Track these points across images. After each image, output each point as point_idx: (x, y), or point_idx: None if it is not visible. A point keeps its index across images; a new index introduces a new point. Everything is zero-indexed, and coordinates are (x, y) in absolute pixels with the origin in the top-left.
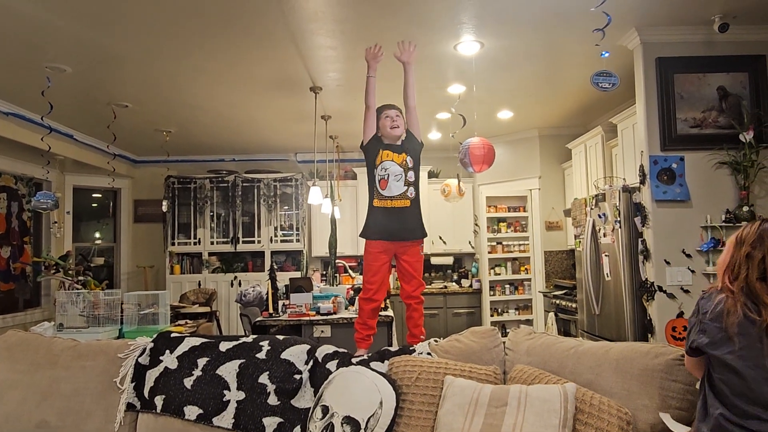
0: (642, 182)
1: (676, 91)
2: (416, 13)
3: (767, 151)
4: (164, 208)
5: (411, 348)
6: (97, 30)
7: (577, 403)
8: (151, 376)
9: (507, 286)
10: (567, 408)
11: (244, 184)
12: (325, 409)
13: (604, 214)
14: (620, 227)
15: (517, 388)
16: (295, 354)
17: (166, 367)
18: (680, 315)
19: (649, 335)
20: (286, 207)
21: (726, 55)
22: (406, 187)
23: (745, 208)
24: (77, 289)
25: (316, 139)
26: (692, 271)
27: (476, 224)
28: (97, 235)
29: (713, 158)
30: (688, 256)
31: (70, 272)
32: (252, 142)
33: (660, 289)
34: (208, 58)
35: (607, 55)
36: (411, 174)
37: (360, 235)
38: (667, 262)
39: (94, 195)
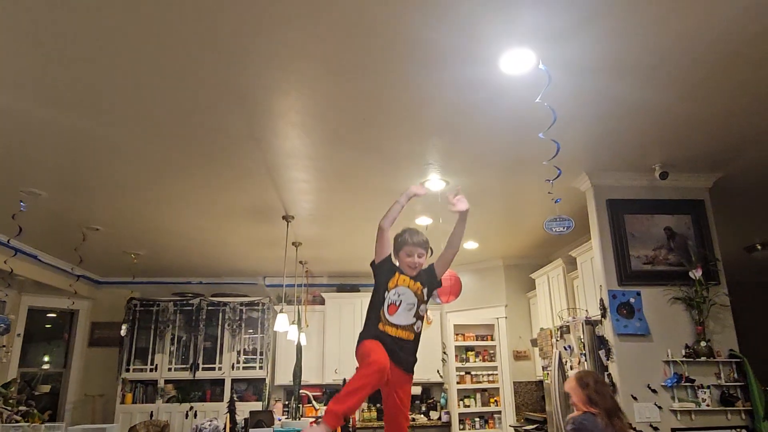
0: (603, 315)
1: (628, 230)
2: (386, 153)
3: (716, 287)
4: (123, 332)
5: None
6: (78, 158)
7: None
8: None
9: (477, 419)
10: None
11: (209, 308)
12: None
13: (569, 347)
14: (586, 360)
15: None
16: None
17: None
18: None
19: None
20: (251, 330)
21: (670, 199)
22: (415, 320)
23: (703, 343)
24: (16, 421)
25: (286, 264)
26: (659, 407)
27: (444, 352)
28: (46, 358)
29: (668, 293)
30: (654, 391)
31: (11, 401)
32: (221, 265)
33: (629, 425)
34: (188, 188)
35: (559, 201)
36: (423, 308)
37: (359, 337)
38: (634, 398)
39: (49, 315)
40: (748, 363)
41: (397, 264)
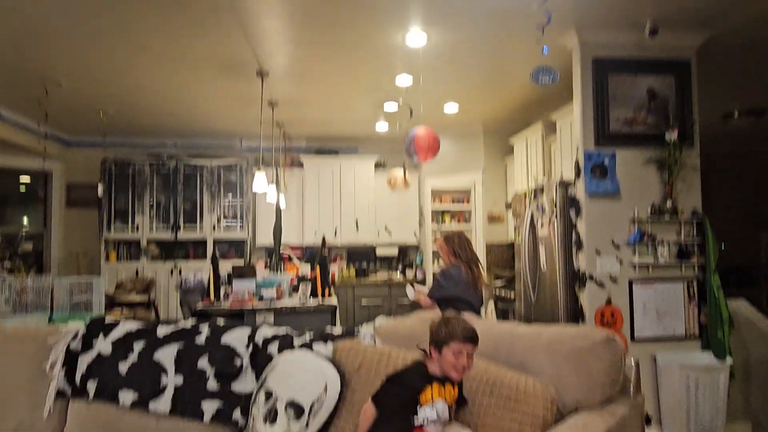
0: (577, 176)
1: (610, 91)
2: (364, 4)
3: (689, 150)
4: (100, 193)
5: (355, 330)
6: (35, 5)
7: (504, 390)
8: (83, 361)
9: None
10: None
11: (187, 170)
12: (269, 394)
13: (542, 207)
14: (556, 219)
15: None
16: (236, 338)
17: (99, 353)
18: (608, 302)
19: (580, 321)
20: (231, 195)
21: (656, 59)
22: None
23: (669, 203)
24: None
25: (263, 125)
26: (620, 261)
27: (421, 215)
28: (26, 221)
29: (642, 155)
30: (617, 247)
31: None
32: (195, 126)
33: (591, 278)
34: (147, 35)
35: (547, 50)
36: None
37: None
38: (598, 253)
39: (22, 179)
40: (708, 221)
41: (433, 367)
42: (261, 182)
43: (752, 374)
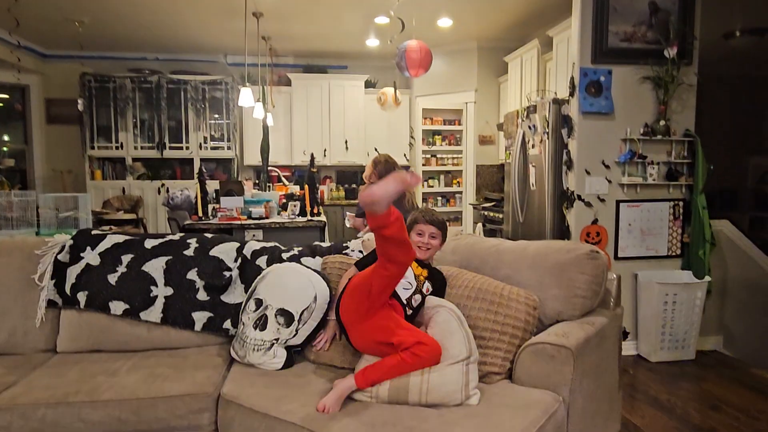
0: (571, 94)
1: (611, 3)
2: None
3: (687, 68)
4: (80, 107)
5: (344, 245)
6: None
7: (489, 295)
8: (72, 272)
9: (439, 198)
10: (459, 317)
11: (170, 86)
12: (259, 302)
13: (533, 126)
14: (548, 138)
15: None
16: (224, 251)
17: (87, 264)
18: (595, 221)
19: (566, 240)
20: (216, 115)
21: None
22: (409, 295)
23: (662, 122)
24: None
25: (248, 39)
26: (609, 181)
27: (412, 136)
28: (6, 138)
29: (639, 73)
30: (607, 167)
31: None
32: (177, 39)
33: (579, 197)
34: None
35: None
36: (418, 298)
37: None
38: (587, 172)
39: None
40: (700, 142)
41: None
42: (247, 97)
43: (728, 292)
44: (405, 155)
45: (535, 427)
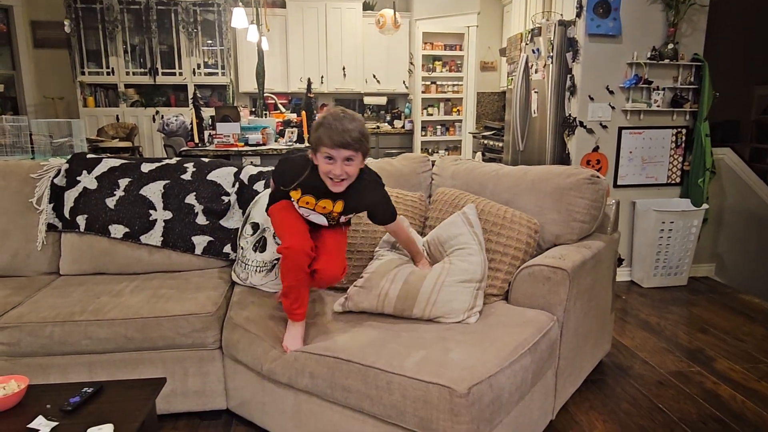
0: (578, 15)
1: None
2: None
3: None
4: (67, 29)
5: None
6: None
7: (492, 217)
8: (70, 196)
9: (438, 126)
10: (475, 232)
11: (159, 7)
12: (255, 226)
13: (537, 50)
14: (552, 62)
15: (439, 267)
16: (222, 176)
17: (85, 188)
18: (596, 149)
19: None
20: (210, 41)
21: None
22: (332, 224)
23: (670, 46)
24: None
25: None
26: (612, 108)
27: (411, 63)
28: None
29: None
30: (611, 92)
31: None
32: None
33: (581, 124)
34: None
35: None
36: (342, 219)
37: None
38: (591, 98)
39: None
40: (708, 68)
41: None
42: (240, 17)
43: (724, 220)
44: (404, 82)
45: (529, 344)
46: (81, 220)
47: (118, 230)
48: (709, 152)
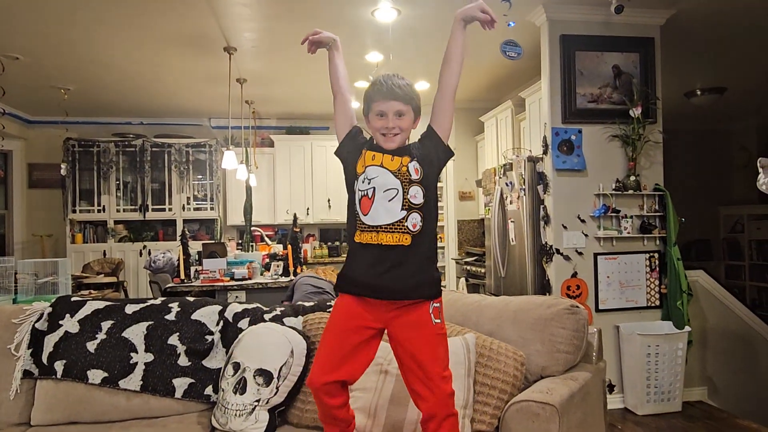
0: (545, 152)
1: (577, 68)
2: None
3: (652, 126)
4: (63, 172)
5: (328, 304)
6: None
7: (479, 348)
8: (50, 341)
9: None
10: (470, 358)
11: (154, 149)
12: (237, 366)
13: (511, 183)
14: (525, 194)
15: None
16: (206, 315)
17: (66, 332)
18: (574, 275)
19: (547, 294)
20: (200, 176)
21: (621, 36)
22: (405, 213)
23: (632, 178)
24: None
25: (231, 103)
26: (585, 235)
27: None
28: None
29: (607, 131)
30: (583, 221)
31: None
32: (162, 104)
33: (557, 251)
34: (120, 13)
35: (513, 24)
36: (417, 191)
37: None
38: (564, 227)
39: None
40: (670, 196)
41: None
42: (230, 160)
43: (709, 341)
44: None
45: None
46: (59, 365)
47: (96, 375)
48: (683, 275)
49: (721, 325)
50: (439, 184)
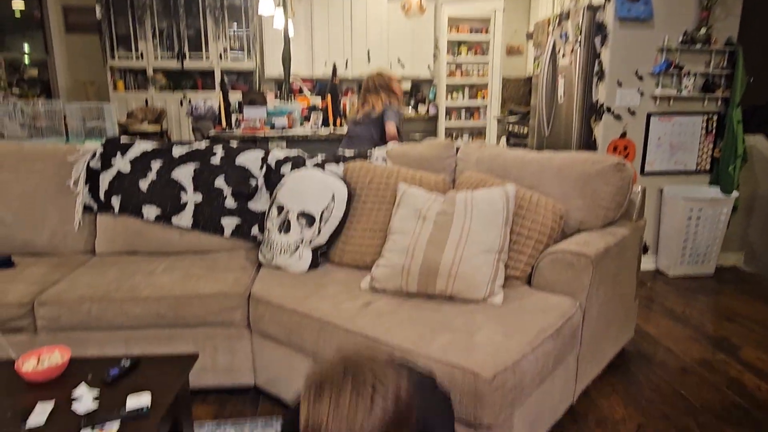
0: None
1: None
2: None
3: None
4: (98, 15)
5: (368, 152)
6: None
7: (518, 200)
8: (105, 179)
9: (463, 111)
10: (508, 207)
11: None
12: (281, 208)
13: (565, 34)
14: (580, 47)
15: (464, 195)
16: (250, 160)
17: (119, 171)
18: (623, 135)
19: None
20: (236, 24)
21: None
22: None
23: (703, 30)
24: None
25: None
26: (641, 93)
27: (436, 47)
28: (26, 48)
29: None
30: (640, 78)
31: (1, 83)
32: None
33: (608, 110)
34: None
35: None
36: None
37: None
38: (619, 84)
39: (15, 4)
40: (742, 52)
41: None
42: (267, 5)
43: (755, 208)
44: (429, 67)
45: (552, 329)
46: (115, 201)
47: (150, 212)
48: (741, 139)
49: None
50: (484, 38)
